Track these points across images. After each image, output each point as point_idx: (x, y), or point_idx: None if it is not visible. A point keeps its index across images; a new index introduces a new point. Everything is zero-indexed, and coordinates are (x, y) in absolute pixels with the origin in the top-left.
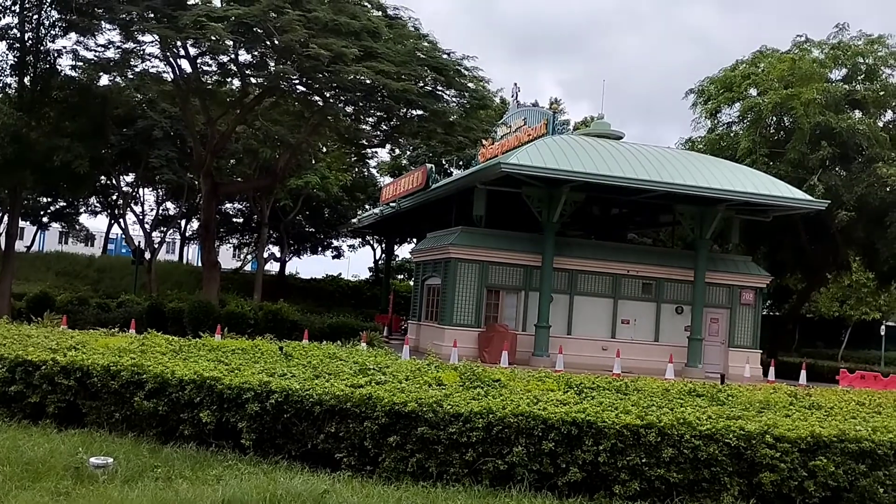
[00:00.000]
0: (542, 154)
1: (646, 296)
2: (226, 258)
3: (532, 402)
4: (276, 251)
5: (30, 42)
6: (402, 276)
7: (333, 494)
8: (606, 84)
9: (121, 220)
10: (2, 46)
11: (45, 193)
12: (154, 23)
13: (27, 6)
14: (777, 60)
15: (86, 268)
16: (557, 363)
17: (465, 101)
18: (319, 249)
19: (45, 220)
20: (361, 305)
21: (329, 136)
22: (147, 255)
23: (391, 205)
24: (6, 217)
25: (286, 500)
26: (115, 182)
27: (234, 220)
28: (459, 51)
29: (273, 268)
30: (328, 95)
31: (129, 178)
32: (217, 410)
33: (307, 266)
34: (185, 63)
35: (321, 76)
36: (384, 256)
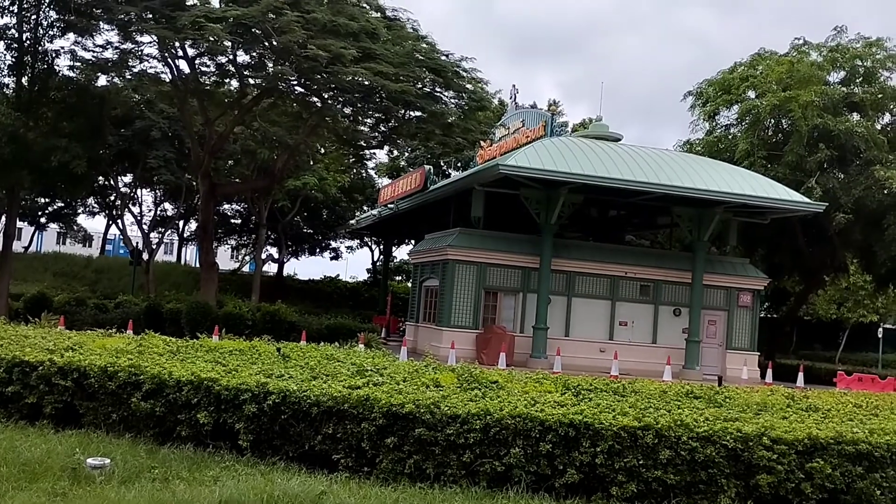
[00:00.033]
0: (541, 156)
1: (643, 298)
2: (224, 259)
3: (529, 404)
4: (274, 252)
5: (28, 42)
6: (401, 278)
7: (330, 495)
8: (605, 86)
9: (119, 221)
10: (0, 46)
11: (43, 194)
12: (152, 23)
13: (25, 6)
14: (775, 63)
15: (83, 268)
16: (555, 365)
17: (464, 103)
18: (317, 251)
19: (43, 221)
20: (359, 307)
21: (327, 138)
22: (145, 256)
23: (389, 206)
24: (4, 217)
25: (283, 502)
26: (113, 183)
27: (232, 221)
28: (458, 52)
29: (271, 269)
30: (326, 96)
31: (127, 179)
32: (214, 411)
33: (305, 267)
34: (184, 64)
35: (319, 77)
36: (382, 258)
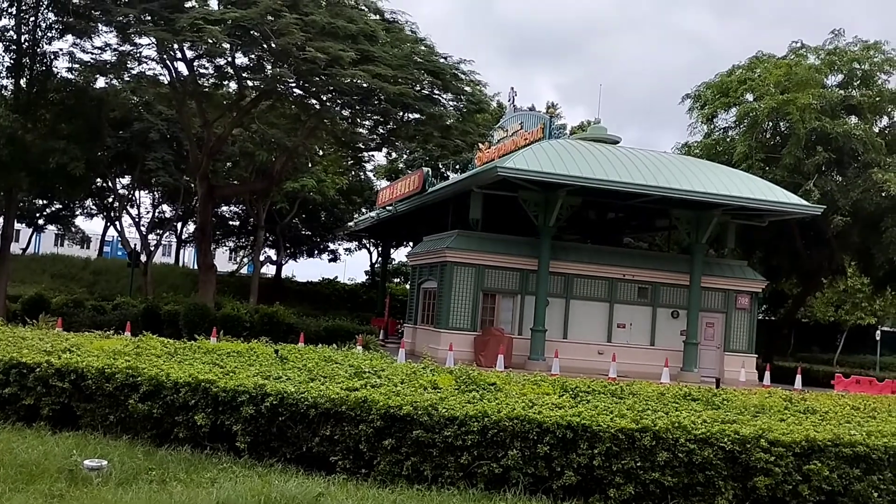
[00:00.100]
0: (539, 158)
1: (641, 300)
2: (222, 261)
3: (527, 406)
4: (273, 254)
5: (26, 44)
6: (399, 280)
7: (328, 497)
8: (604, 88)
9: (117, 223)
10: None
11: (41, 196)
12: (151, 25)
13: (24, 8)
14: (773, 66)
15: (81, 270)
16: (553, 367)
17: (462, 105)
18: (316, 253)
19: (41, 223)
20: (358, 309)
21: (325, 140)
22: (143, 258)
23: (388, 208)
24: (2, 219)
25: (280, 503)
26: (112, 184)
27: (231, 223)
28: (457, 54)
29: (269, 271)
30: (325, 99)
31: (126, 181)
32: (212, 413)
33: (303, 269)
34: (182, 66)
35: (318, 79)
36: (381, 260)
